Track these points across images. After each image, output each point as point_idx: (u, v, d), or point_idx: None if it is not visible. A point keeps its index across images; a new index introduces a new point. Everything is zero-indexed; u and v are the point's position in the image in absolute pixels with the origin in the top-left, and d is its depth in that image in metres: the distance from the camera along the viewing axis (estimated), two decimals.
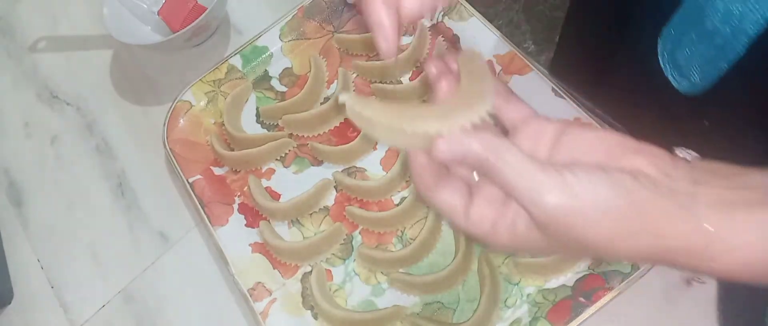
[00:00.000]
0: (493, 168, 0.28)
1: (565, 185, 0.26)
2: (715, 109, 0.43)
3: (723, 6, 0.37)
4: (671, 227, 0.26)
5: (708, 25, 0.38)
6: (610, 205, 0.26)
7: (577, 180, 0.27)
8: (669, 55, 0.43)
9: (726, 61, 0.38)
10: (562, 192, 0.26)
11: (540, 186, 0.27)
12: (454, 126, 0.28)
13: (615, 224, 0.26)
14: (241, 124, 0.59)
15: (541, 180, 0.27)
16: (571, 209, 0.26)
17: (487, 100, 0.29)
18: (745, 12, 0.35)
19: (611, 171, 0.27)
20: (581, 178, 0.27)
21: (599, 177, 0.27)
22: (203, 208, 0.53)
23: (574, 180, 0.27)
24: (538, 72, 0.52)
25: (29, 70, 0.71)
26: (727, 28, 0.37)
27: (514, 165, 0.27)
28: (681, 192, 0.27)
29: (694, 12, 0.39)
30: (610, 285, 0.43)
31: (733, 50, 0.37)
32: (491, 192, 0.30)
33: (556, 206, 0.26)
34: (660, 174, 0.27)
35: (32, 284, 0.59)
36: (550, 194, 0.26)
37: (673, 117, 0.46)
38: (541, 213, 0.27)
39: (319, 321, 0.49)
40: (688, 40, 0.40)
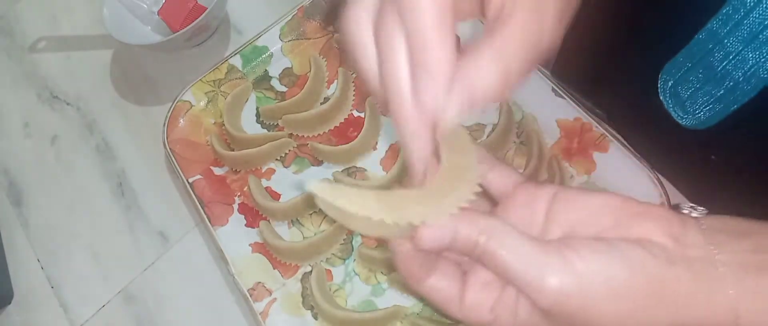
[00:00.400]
0: (485, 253, 0.25)
1: (568, 265, 0.24)
2: (721, 144, 0.43)
3: (735, 52, 0.36)
4: (692, 301, 0.24)
5: (717, 66, 0.37)
6: (620, 284, 0.24)
7: (581, 258, 0.24)
8: (671, 91, 0.42)
9: (736, 102, 0.38)
10: (566, 273, 0.24)
11: (541, 268, 0.24)
12: (440, 212, 0.26)
13: (627, 304, 0.24)
14: (241, 124, 0.59)
15: (541, 262, 0.24)
16: (577, 292, 0.24)
17: (473, 176, 0.27)
18: (760, 60, 0.35)
19: (617, 244, 0.25)
20: (585, 256, 0.24)
21: (605, 253, 0.24)
22: (203, 208, 0.53)
23: (578, 258, 0.24)
24: (538, 72, 0.52)
25: (29, 70, 0.71)
26: (739, 73, 0.36)
27: (510, 247, 0.25)
28: (698, 260, 0.24)
29: (700, 53, 0.38)
30: None
31: (745, 93, 0.37)
32: (487, 274, 0.27)
33: (559, 290, 0.24)
34: (671, 242, 0.25)
35: (32, 284, 0.59)
36: (552, 277, 0.24)
37: (678, 149, 0.45)
38: (544, 298, 0.24)
39: (319, 321, 0.49)
40: (694, 79, 0.40)
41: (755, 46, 0.35)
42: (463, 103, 0.24)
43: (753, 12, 0.34)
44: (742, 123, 0.39)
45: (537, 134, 0.51)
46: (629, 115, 0.49)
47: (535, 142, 0.50)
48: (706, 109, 0.40)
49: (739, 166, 0.43)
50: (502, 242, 0.25)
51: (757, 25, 0.34)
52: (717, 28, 0.36)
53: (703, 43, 0.38)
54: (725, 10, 0.35)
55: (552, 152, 0.50)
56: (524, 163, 0.51)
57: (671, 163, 0.46)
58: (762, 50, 0.34)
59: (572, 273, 0.24)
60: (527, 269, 0.24)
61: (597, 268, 0.24)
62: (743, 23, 0.35)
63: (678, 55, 0.40)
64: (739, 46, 0.36)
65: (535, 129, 0.51)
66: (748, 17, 0.34)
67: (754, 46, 0.35)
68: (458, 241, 0.26)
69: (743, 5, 0.34)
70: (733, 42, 0.36)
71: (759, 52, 0.35)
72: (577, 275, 0.24)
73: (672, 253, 0.24)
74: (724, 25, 0.36)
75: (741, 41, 0.35)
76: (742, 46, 0.36)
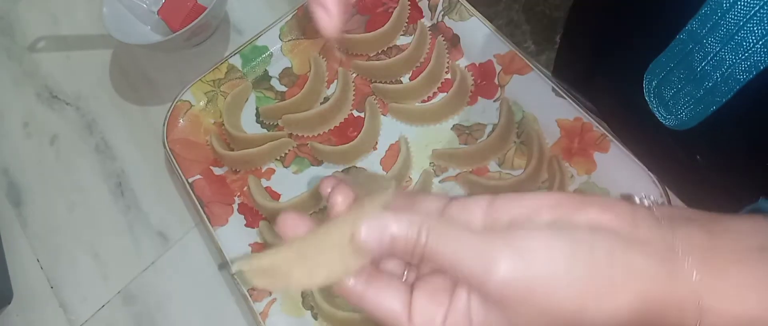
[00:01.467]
0: (428, 247, 0.24)
1: (515, 250, 0.23)
2: (704, 144, 0.43)
3: (713, 53, 0.36)
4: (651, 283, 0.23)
5: (696, 68, 0.38)
6: (571, 265, 0.23)
7: (526, 242, 0.23)
8: (655, 91, 0.42)
9: (714, 103, 0.38)
10: (513, 258, 0.23)
11: (487, 255, 0.23)
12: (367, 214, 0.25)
13: (582, 285, 0.23)
14: (241, 123, 0.59)
15: (487, 250, 0.24)
16: (525, 276, 0.23)
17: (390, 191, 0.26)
18: (736, 61, 0.35)
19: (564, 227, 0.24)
20: (531, 240, 0.24)
21: (552, 236, 0.24)
22: (203, 208, 0.53)
23: (523, 242, 0.23)
24: (538, 72, 0.52)
25: (29, 69, 0.71)
26: (717, 74, 0.36)
27: (452, 238, 0.24)
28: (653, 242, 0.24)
29: (681, 53, 0.38)
30: None
31: (723, 94, 0.37)
32: (433, 284, 0.26)
33: (509, 275, 0.23)
34: (623, 225, 0.24)
35: (32, 284, 0.59)
36: (500, 263, 0.23)
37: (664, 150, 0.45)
38: (494, 285, 0.23)
39: (319, 321, 0.49)
40: (676, 80, 0.40)
41: (732, 47, 0.35)
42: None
43: (729, 13, 0.34)
44: (724, 124, 0.39)
45: (537, 134, 0.51)
46: (618, 114, 0.49)
47: (535, 142, 0.50)
48: (688, 109, 0.40)
49: (722, 167, 0.43)
50: (442, 234, 0.24)
51: (733, 26, 0.34)
52: (696, 28, 0.37)
53: (684, 44, 0.38)
54: (704, 11, 0.35)
55: (552, 152, 0.50)
56: (524, 163, 0.51)
57: (658, 163, 0.46)
58: (738, 51, 0.34)
59: (519, 257, 0.23)
60: (473, 258, 0.24)
61: (544, 250, 0.23)
62: (720, 24, 0.35)
63: (661, 55, 0.40)
64: (717, 46, 0.36)
65: (535, 129, 0.51)
66: (725, 18, 0.34)
67: (730, 47, 0.35)
68: (399, 237, 0.25)
69: (720, 6, 0.34)
70: (712, 42, 0.36)
71: (735, 53, 0.35)
72: (525, 258, 0.23)
73: (624, 235, 0.24)
74: (702, 26, 0.36)
75: (719, 41, 0.35)
76: (719, 47, 0.36)
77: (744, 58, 0.34)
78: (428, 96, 0.55)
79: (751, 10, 0.33)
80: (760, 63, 0.34)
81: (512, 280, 0.23)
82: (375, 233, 0.25)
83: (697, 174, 0.45)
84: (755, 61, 0.34)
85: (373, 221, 0.25)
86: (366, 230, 0.25)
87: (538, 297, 0.23)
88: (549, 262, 0.23)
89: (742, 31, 0.34)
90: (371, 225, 0.25)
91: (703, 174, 0.44)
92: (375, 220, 0.25)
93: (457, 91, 0.54)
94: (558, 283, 0.23)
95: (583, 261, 0.23)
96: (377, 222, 0.25)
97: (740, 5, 0.33)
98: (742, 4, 0.33)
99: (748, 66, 0.34)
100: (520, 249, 0.23)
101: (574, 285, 0.23)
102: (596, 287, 0.23)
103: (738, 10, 0.33)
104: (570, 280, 0.23)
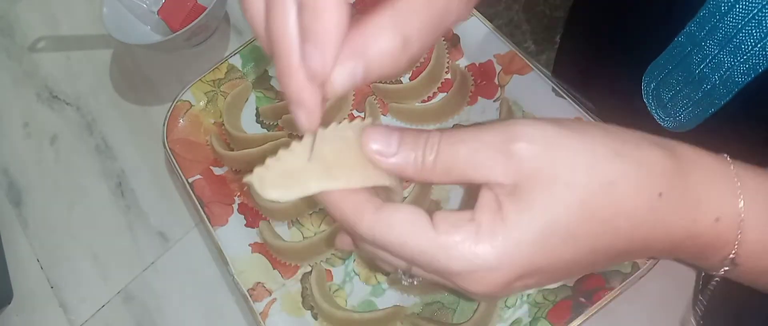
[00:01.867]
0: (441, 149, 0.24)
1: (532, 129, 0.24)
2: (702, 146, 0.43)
3: (712, 55, 0.36)
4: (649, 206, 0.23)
5: (695, 70, 0.38)
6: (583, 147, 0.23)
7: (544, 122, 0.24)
8: (653, 93, 0.42)
9: (713, 106, 0.38)
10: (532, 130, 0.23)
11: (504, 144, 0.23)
12: None
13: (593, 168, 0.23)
14: (241, 123, 0.59)
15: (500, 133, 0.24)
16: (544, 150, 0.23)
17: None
18: (735, 63, 0.35)
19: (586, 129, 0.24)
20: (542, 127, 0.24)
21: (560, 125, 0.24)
22: (203, 208, 0.53)
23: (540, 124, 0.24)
24: (538, 72, 0.52)
25: (29, 70, 0.71)
26: (716, 76, 0.36)
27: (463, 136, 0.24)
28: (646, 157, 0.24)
29: (680, 55, 0.38)
30: (611, 285, 0.43)
31: (721, 96, 0.37)
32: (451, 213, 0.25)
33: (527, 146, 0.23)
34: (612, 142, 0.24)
35: (32, 284, 0.59)
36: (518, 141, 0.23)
37: None
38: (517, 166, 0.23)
39: (319, 321, 0.49)
40: (674, 82, 0.40)
41: (730, 49, 0.35)
42: (355, 71, 0.23)
43: (728, 15, 0.34)
44: (722, 126, 0.39)
45: None
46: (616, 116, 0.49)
47: None
48: (686, 111, 0.40)
49: None
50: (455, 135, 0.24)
51: (732, 29, 0.34)
52: (695, 30, 0.37)
53: (683, 46, 0.38)
54: (702, 13, 0.35)
55: None
56: None
57: None
58: (736, 54, 0.35)
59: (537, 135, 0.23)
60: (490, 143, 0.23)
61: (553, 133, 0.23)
62: (719, 26, 0.35)
63: (659, 57, 0.40)
64: (716, 49, 0.36)
65: None
66: (723, 20, 0.34)
67: (729, 50, 0.35)
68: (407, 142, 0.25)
69: (718, 9, 0.34)
70: (710, 45, 0.36)
71: (734, 55, 0.35)
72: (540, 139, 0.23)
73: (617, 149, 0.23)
74: (701, 28, 0.36)
75: (717, 44, 0.35)
76: (718, 49, 0.36)
77: (742, 61, 0.34)
78: (428, 96, 0.55)
79: (749, 12, 0.33)
80: (758, 65, 0.34)
81: (529, 152, 0.23)
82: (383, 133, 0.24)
83: None
84: (754, 63, 0.34)
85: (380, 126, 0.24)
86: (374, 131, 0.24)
87: (564, 178, 0.22)
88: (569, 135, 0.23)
89: (740, 34, 0.34)
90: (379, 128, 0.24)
91: None
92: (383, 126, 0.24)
93: (457, 91, 0.54)
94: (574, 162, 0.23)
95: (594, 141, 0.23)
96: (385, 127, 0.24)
97: (739, 8, 0.33)
98: (741, 7, 0.33)
99: (747, 68, 0.34)
100: (534, 127, 0.23)
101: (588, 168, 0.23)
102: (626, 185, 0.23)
103: (736, 13, 0.33)
104: (594, 151, 0.23)
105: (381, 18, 0.23)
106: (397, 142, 0.24)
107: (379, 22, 0.23)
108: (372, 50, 0.23)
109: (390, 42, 0.23)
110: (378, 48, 0.23)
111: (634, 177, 0.23)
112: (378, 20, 0.23)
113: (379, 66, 0.23)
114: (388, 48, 0.23)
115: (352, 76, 0.23)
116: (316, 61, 0.23)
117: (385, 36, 0.23)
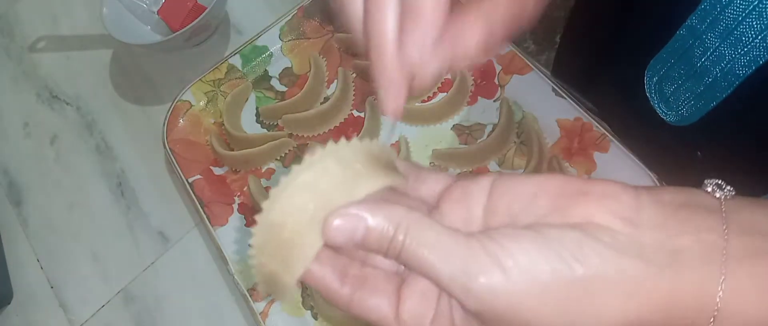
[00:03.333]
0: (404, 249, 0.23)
1: (495, 261, 0.22)
2: (705, 140, 0.43)
3: (713, 48, 0.36)
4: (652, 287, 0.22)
5: (696, 63, 0.37)
6: (552, 279, 0.21)
7: (506, 254, 0.22)
8: (656, 87, 0.42)
9: (714, 99, 0.38)
10: (493, 271, 0.22)
11: (466, 267, 0.22)
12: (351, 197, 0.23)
13: (567, 302, 0.22)
14: (241, 123, 0.59)
15: (466, 260, 0.22)
16: (507, 291, 0.22)
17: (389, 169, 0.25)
18: (736, 56, 0.35)
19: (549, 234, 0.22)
20: (511, 251, 0.22)
21: (533, 246, 0.22)
22: (203, 208, 0.53)
23: (503, 254, 0.22)
24: (538, 72, 0.52)
25: (29, 69, 0.71)
26: (717, 69, 0.36)
27: (430, 244, 0.23)
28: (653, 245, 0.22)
29: (681, 49, 0.38)
30: None
31: (723, 89, 0.37)
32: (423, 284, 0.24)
33: (488, 290, 0.22)
34: (620, 224, 0.23)
35: (32, 284, 0.59)
36: (479, 277, 0.22)
37: (664, 145, 0.45)
38: (472, 299, 0.22)
39: (319, 321, 0.49)
40: (676, 75, 0.40)
41: (731, 42, 0.35)
42: (445, 59, 0.25)
43: (728, 8, 0.34)
44: (724, 119, 0.39)
45: (537, 134, 0.51)
46: (618, 111, 0.49)
47: (535, 141, 0.50)
48: (689, 105, 0.40)
49: (723, 162, 0.43)
50: (421, 238, 0.23)
51: (732, 22, 0.34)
52: (696, 23, 0.36)
53: (684, 39, 0.38)
54: (703, 6, 0.35)
55: (552, 152, 0.50)
56: (524, 163, 0.51)
57: (659, 158, 0.46)
58: (737, 46, 0.34)
59: (500, 270, 0.22)
60: (452, 268, 0.22)
61: (524, 263, 0.22)
62: (720, 19, 0.35)
63: (661, 51, 0.40)
64: (717, 41, 0.36)
65: (535, 129, 0.51)
66: (724, 13, 0.34)
67: (730, 42, 0.35)
68: (371, 236, 0.23)
69: (719, 1, 0.34)
70: (711, 38, 0.36)
71: (735, 48, 0.35)
72: (505, 272, 0.22)
73: (620, 238, 0.22)
74: (702, 21, 0.36)
75: (718, 37, 0.35)
76: (719, 42, 0.35)
77: (743, 53, 0.34)
78: (428, 96, 0.55)
79: (750, 5, 0.33)
80: (759, 58, 0.34)
81: (491, 295, 0.22)
82: (349, 225, 0.23)
83: (696, 169, 0.45)
84: (754, 56, 0.34)
85: (348, 212, 0.23)
86: (339, 221, 0.23)
87: (520, 313, 0.22)
88: (529, 278, 0.22)
89: (741, 26, 0.34)
90: (346, 215, 0.23)
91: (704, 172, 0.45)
92: (351, 211, 0.23)
93: (457, 91, 0.54)
94: (541, 299, 0.22)
95: (568, 276, 0.21)
96: (353, 213, 0.23)
97: (739, 0, 0.33)
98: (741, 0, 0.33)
99: (748, 61, 0.34)
100: (501, 262, 0.22)
101: (559, 302, 0.22)
102: (583, 303, 0.22)
103: (737, 5, 0.33)
104: (554, 297, 0.22)
105: (470, 14, 0.25)
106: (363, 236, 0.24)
107: (469, 17, 0.25)
108: (462, 42, 0.25)
109: (478, 36, 0.25)
110: (468, 41, 0.25)
111: None
112: (467, 15, 0.25)
113: (464, 56, 0.25)
114: (476, 41, 0.25)
115: (443, 66, 0.25)
116: (417, 42, 0.25)
117: (473, 29, 0.25)
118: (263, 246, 0.26)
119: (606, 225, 0.22)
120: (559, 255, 0.22)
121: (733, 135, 0.41)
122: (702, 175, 0.28)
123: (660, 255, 0.22)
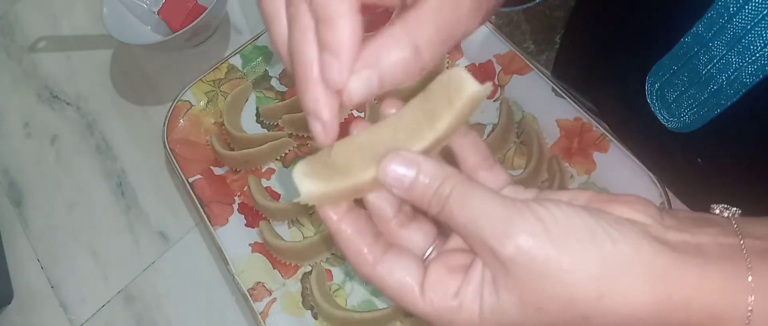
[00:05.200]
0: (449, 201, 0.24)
1: (538, 218, 0.23)
2: (706, 147, 0.42)
3: (720, 56, 0.36)
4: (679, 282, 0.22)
5: (701, 70, 0.37)
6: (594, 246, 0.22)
7: (551, 213, 0.23)
8: (657, 94, 0.42)
9: (719, 106, 0.38)
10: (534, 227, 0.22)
11: (507, 220, 0.23)
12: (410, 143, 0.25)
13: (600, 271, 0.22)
14: (241, 123, 0.59)
15: (508, 214, 0.23)
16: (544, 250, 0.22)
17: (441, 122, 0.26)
18: (743, 64, 0.35)
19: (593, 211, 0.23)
20: (557, 211, 0.23)
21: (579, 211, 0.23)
22: (203, 208, 0.53)
23: (548, 213, 0.23)
24: (538, 72, 0.52)
25: (29, 69, 0.71)
26: (723, 77, 0.36)
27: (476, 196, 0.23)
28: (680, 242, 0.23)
29: (686, 56, 0.38)
30: None
31: (728, 97, 0.37)
32: (451, 261, 0.25)
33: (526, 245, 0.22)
34: (650, 221, 0.24)
35: (32, 284, 0.59)
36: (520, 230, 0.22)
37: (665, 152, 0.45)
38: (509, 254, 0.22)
39: (319, 321, 0.49)
40: (679, 82, 0.40)
41: (738, 50, 0.35)
42: (370, 79, 0.24)
43: (736, 16, 0.34)
44: (727, 127, 0.39)
45: (537, 134, 0.51)
46: (619, 116, 0.49)
47: (535, 141, 0.50)
48: (691, 112, 0.40)
49: (724, 170, 0.43)
50: (468, 193, 0.24)
51: (740, 30, 0.34)
52: (702, 31, 0.36)
53: (689, 46, 0.38)
54: (710, 14, 0.35)
55: (552, 152, 0.50)
56: (524, 162, 0.51)
57: (659, 164, 0.46)
58: (745, 54, 0.34)
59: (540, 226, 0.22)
60: (493, 220, 0.23)
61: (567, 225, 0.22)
62: (727, 27, 0.35)
63: (664, 58, 0.40)
64: (724, 49, 0.36)
65: (535, 129, 0.51)
66: (732, 21, 0.34)
67: (737, 50, 0.35)
68: (419, 182, 0.24)
69: (727, 9, 0.34)
70: (718, 46, 0.36)
71: (742, 56, 0.35)
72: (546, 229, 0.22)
73: (652, 229, 0.23)
74: (708, 29, 0.36)
75: (725, 45, 0.35)
76: (726, 50, 0.35)
77: (751, 62, 0.34)
78: None
79: (759, 14, 0.33)
80: (767, 66, 0.34)
81: (528, 251, 0.22)
82: (401, 168, 0.24)
83: (697, 175, 0.45)
84: (762, 64, 0.34)
85: (401, 156, 0.24)
86: (393, 164, 0.24)
87: (553, 275, 0.22)
88: (570, 239, 0.22)
89: (749, 35, 0.34)
90: (399, 159, 0.24)
91: (704, 175, 0.45)
92: (404, 156, 0.24)
93: None
94: (577, 262, 0.22)
95: (605, 246, 0.22)
96: (409, 156, 0.24)
97: (748, 9, 0.33)
98: (750, 8, 0.33)
99: (755, 69, 0.34)
100: (543, 219, 0.23)
101: (594, 270, 0.22)
102: (616, 276, 0.22)
103: (745, 14, 0.33)
104: (590, 264, 0.22)
105: (393, 30, 0.24)
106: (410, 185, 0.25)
107: (392, 34, 0.24)
108: (385, 60, 0.24)
109: (402, 52, 0.24)
110: (391, 58, 0.24)
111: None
112: (390, 32, 0.24)
113: (392, 75, 0.24)
114: (400, 57, 0.24)
115: (368, 85, 0.24)
116: (334, 69, 0.24)
117: (397, 46, 0.24)
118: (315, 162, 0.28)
119: (641, 220, 0.24)
120: (600, 225, 0.23)
121: (735, 142, 0.40)
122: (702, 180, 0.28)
123: (688, 248, 0.23)
